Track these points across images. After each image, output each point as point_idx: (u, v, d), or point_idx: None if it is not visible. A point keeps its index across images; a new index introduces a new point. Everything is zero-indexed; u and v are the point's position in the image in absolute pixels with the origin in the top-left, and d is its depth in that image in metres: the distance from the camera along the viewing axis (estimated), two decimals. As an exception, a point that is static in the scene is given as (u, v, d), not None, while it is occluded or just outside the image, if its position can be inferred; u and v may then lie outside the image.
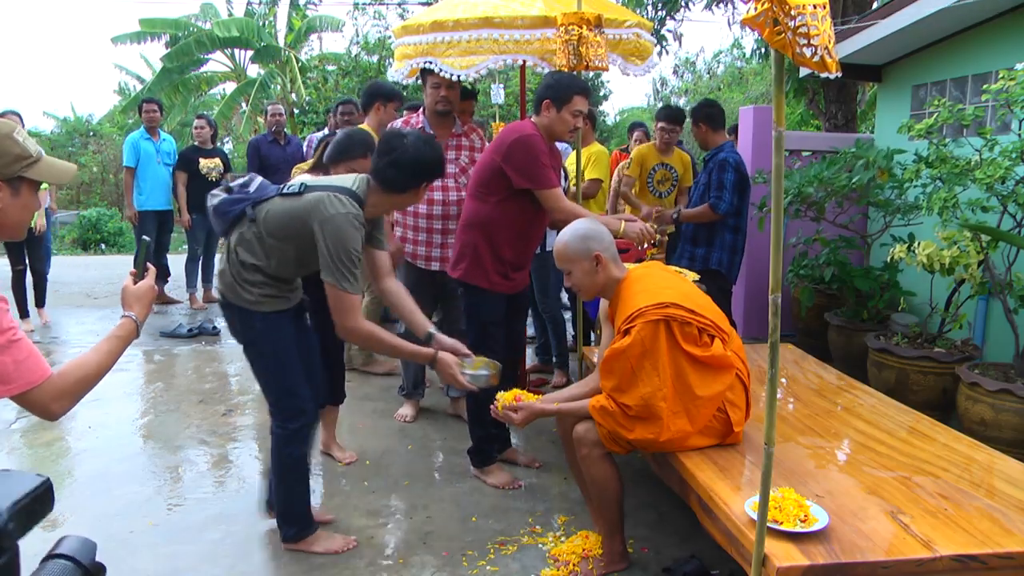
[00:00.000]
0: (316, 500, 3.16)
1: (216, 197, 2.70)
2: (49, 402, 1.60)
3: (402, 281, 3.85)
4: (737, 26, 11.47)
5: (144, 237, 2.06)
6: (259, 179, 2.78)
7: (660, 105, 7.23)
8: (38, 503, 1.39)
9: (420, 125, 3.89)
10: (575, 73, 3.46)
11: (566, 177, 4.54)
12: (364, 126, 4.08)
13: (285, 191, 2.64)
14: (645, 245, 3.25)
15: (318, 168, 3.23)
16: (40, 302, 6.39)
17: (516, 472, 3.52)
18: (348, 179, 2.65)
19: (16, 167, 1.61)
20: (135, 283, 1.92)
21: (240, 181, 2.77)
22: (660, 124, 5.16)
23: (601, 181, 5.17)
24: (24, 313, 6.15)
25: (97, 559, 1.37)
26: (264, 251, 2.61)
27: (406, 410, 4.23)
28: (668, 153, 5.22)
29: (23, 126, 6.65)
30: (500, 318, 3.36)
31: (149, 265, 1.96)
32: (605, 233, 2.65)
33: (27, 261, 6.13)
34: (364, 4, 16.27)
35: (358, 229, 2.51)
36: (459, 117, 4.00)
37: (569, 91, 3.14)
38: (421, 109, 4.07)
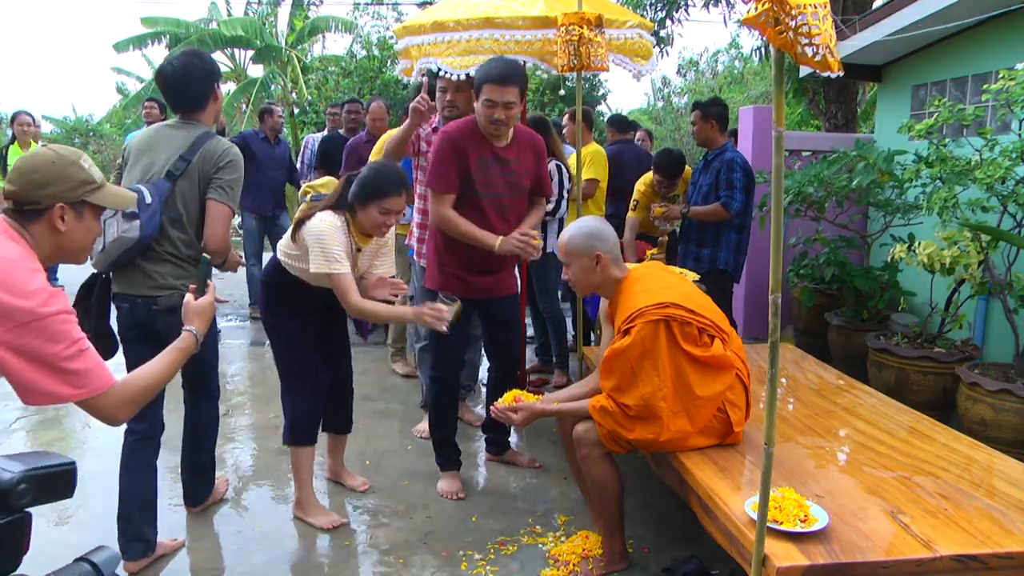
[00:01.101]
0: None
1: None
2: (113, 409, 1.71)
3: (415, 289, 3.86)
4: (734, 25, 11.46)
5: (204, 255, 2.14)
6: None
7: (660, 105, 7.21)
8: (56, 479, 1.46)
9: (434, 125, 3.75)
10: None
11: (570, 178, 4.53)
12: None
13: None
14: (534, 256, 3.13)
15: (341, 207, 2.82)
16: None
17: (516, 472, 3.52)
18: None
19: (80, 191, 1.75)
20: (196, 299, 2.03)
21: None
22: (657, 177, 4.74)
23: (598, 181, 5.16)
24: None
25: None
26: None
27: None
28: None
29: (37, 126, 6.71)
30: (454, 325, 3.28)
31: (209, 282, 2.08)
32: (611, 233, 2.65)
33: None
34: (364, 4, 16.27)
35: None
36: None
37: (480, 81, 3.04)
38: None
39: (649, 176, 4.93)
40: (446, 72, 3.67)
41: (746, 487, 2.25)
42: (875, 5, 6.98)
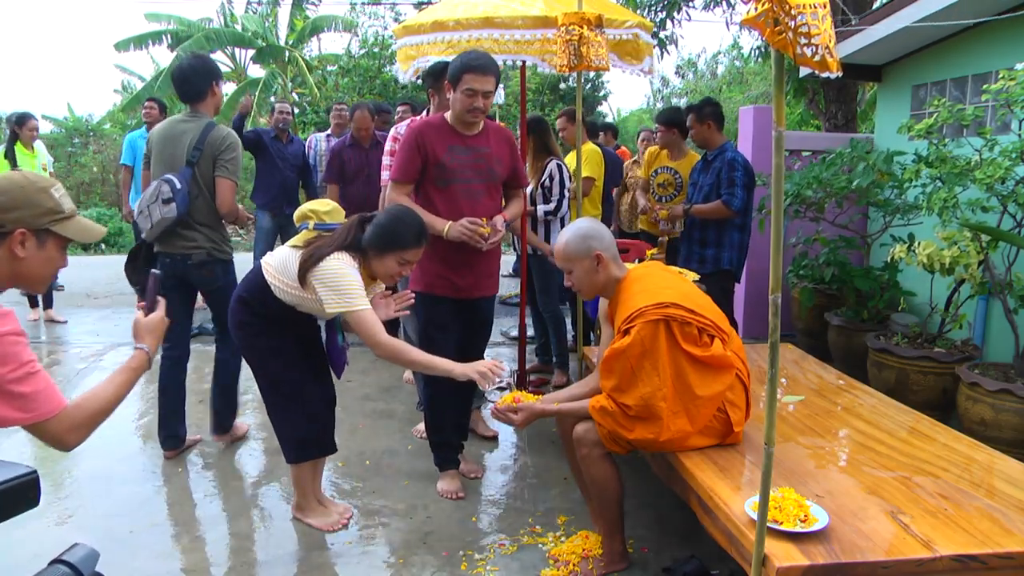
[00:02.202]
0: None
1: None
2: (63, 433, 1.64)
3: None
4: (736, 27, 11.44)
5: (154, 271, 2.10)
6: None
7: (660, 106, 7.28)
8: (14, 494, 1.44)
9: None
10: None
11: (570, 177, 4.54)
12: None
13: None
14: (483, 243, 3.12)
15: (354, 250, 2.72)
16: (48, 303, 6.64)
17: (516, 473, 3.51)
18: None
19: (45, 219, 1.70)
20: (145, 315, 1.96)
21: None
22: (659, 128, 5.05)
23: (594, 180, 5.17)
24: (34, 303, 6.59)
25: (100, 560, 1.40)
26: None
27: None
28: (677, 156, 5.03)
29: (38, 128, 6.80)
30: (444, 322, 3.28)
31: (159, 298, 2.01)
32: (606, 232, 2.65)
33: None
34: (362, 3, 16.27)
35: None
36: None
37: (459, 70, 3.06)
38: (426, 111, 3.94)
39: (655, 149, 5.21)
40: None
41: (746, 487, 2.25)
42: (875, 5, 6.98)
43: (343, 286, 2.61)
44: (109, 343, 5.83)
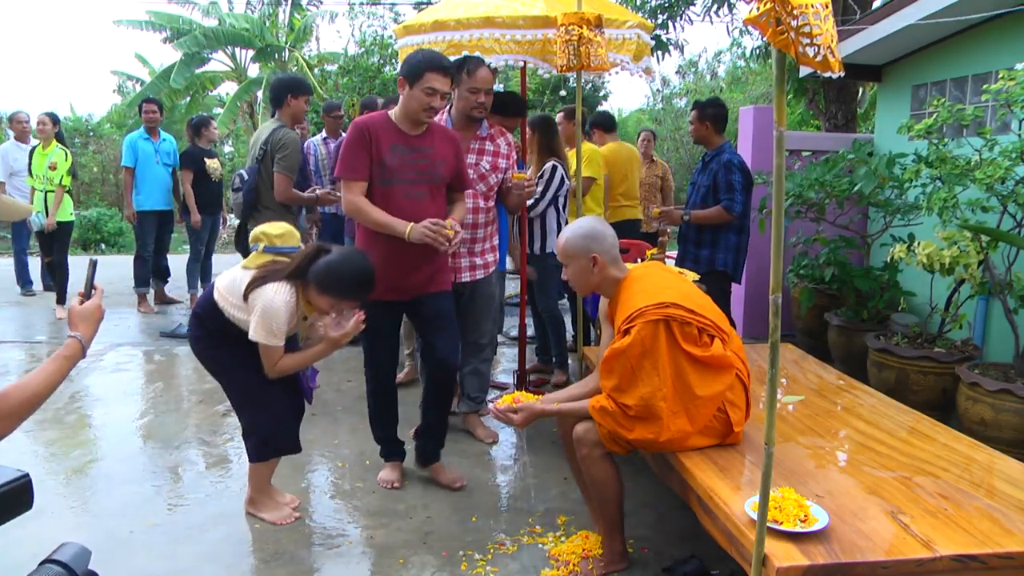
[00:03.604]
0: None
1: None
2: None
3: None
4: (737, 31, 11.44)
5: (92, 258, 2.08)
6: None
7: (660, 106, 7.30)
8: (8, 496, 1.41)
9: (443, 122, 3.63)
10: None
11: (568, 179, 4.53)
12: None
13: None
14: (447, 246, 3.00)
15: (298, 278, 2.78)
16: (61, 299, 6.74)
17: (516, 472, 3.51)
18: None
19: None
20: (82, 303, 1.91)
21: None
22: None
23: (594, 179, 5.17)
24: (62, 299, 6.73)
25: (97, 557, 1.38)
26: None
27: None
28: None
29: (30, 125, 7.07)
30: (381, 328, 3.21)
31: (97, 285, 1.97)
32: (608, 234, 2.65)
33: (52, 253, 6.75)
34: (361, 3, 16.26)
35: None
36: (488, 119, 3.72)
37: (421, 67, 2.96)
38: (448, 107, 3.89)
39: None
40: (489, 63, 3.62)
41: (746, 487, 2.24)
42: (875, 5, 6.99)
43: (271, 322, 2.72)
44: (109, 343, 5.83)
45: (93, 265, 2.00)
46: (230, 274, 2.88)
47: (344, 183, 3.08)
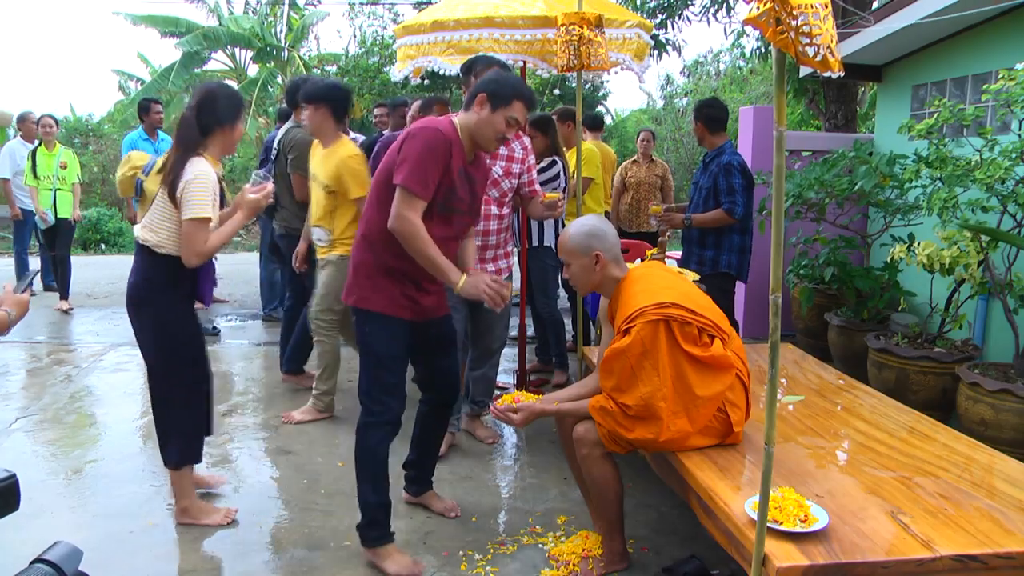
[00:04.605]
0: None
1: None
2: None
3: None
4: (735, 34, 11.43)
5: (34, 267, 2.34)
6: None
7: (661, 106, 7.29)
8: None
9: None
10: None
11: (566, 179, 4.53)
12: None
13: None
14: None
15: (197, 147, 2.84)
16: (64, 294, 6.88)
17: (516, 473, 3.50)
18: None
19: None
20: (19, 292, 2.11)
21: None
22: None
23: (592, 179, 5.17)
24: (64, 295, 6.92)
25: (97, 557, 1.37)
26: None
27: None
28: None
29: (35, 124, 7.17)
30: (400, 352, 2.76)
31: (32, 289, 2.18)
32: (610, 233, 2.65)
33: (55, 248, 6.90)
34: (360, 3, 16.26)
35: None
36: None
37: (512, 94, 2.62)
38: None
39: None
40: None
41: (746, 487, 2.25)
42: (874, 5, 6.98)
43: (203, 184, 2.73)
44: (109, 343, 5.83)
45: (36, 273, 2.30)
46: (145, 220, 2.86)
47: (406, 195, 2.52)
